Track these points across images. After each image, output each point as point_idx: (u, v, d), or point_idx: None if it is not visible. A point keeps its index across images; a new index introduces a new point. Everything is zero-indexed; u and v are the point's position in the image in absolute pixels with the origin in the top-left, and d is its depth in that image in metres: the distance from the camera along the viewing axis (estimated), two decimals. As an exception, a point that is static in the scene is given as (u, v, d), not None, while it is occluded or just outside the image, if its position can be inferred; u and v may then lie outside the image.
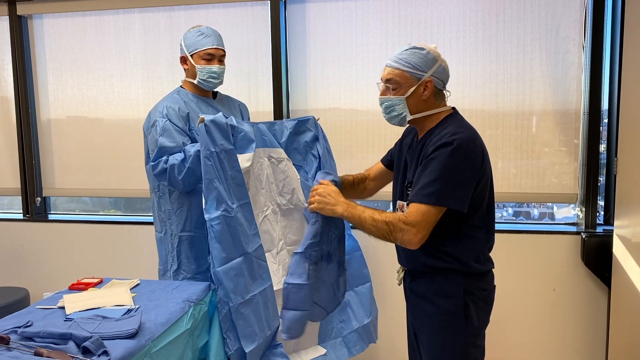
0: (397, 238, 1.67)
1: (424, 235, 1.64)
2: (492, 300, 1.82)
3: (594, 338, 2.75)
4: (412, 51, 1.75)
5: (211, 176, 2.03)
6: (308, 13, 3.00)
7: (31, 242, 3.42)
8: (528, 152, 2.83)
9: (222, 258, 2.02)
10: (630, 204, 2.33)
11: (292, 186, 2.34)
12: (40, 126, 3.43)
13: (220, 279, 2.01)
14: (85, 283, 2.08)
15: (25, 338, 1.56)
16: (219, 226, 2.03)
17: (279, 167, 2.30)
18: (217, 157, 2.04)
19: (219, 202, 2.04)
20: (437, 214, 1.65)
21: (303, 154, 2.47)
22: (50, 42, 3.35)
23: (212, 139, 2.04)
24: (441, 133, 1.70)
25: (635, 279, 2.24)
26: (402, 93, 1.76)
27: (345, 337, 2.51)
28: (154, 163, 2.25)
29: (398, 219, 1.65)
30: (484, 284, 1.77)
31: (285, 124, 2.43)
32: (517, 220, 3.17)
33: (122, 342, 1.57)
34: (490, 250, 1.82)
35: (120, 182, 3.33)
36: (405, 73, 1.74)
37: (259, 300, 2.10)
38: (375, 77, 2.93)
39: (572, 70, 2.74)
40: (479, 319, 1.76)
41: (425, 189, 1.64)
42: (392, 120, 1.83)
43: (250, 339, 2.03)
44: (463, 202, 1.65)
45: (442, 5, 2.83)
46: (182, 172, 2.18)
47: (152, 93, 3.22)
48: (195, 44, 2.36)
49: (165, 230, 2.40)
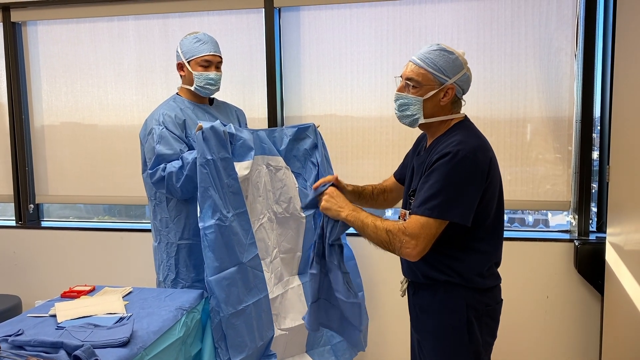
0: (395, 248, 1.60)
1: (423, 248, 1.58)
2: (498, 315, 1.76)
3: (587, 345, 2.76)
4: (441, 53, 1.65)
5: (206, 184, 2.02)
6: (302, 20, 3.01)
7: (24, 249, 3.40)
8: (522, 159, 2.84)
9: (215, 267, 2.01)
10: (622, 211, 2.34)
11: (289, 195, 2.33)
12: (34, 132, 3.42)
13: (212, 289, 1.99)
14: (78, 291, 2.07)
15: (16, 347, 1.55)
16: (213, 235, 2.02)
17: (277, 176, 2.30)
18: (214, 165, 2.04)
19: (213, 211, 2.02)
20: (439, 227, 1.58)
21: (302, 161, 2.47)
22: (44, 48, 3.35)
23: (209, 146, 2.03)
24: (448, 141, 1.63)
25: (627, 286, 2.24)
26: (421, 94, 1.67)
27: (335, 346, 2.49)
28: (152, 171, 2.24)
29: (398, 228, 1.59)
30: (488, 298, 1.71)
31: (285, 131, 2.42)
32: (511, 228, 3.17)
33: (114, 350, 1.56)
34: (497, 266, 1.75)
35: (114, 189, 3.32)
36: (429, 74, 1.65)
37: (252, 311, 2.09)
38: (370, 84, 2.96)
39: (564, 79, 2.76)
40: (483, 334, 1.69)
41: (427, 202, 1.57)
42: (403, 119, 1.74)
43: (239, 349, 2.02)
44: (466, 215, 1.58)
45: (437, 14, 2.84)
46: (180, 180, 2.17)
47: (146, 100, 3.22)
48: (192, 51, 2.35)
49: (159, 240, 2.39)
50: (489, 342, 1.74)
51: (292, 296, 2.35)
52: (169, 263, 2.36)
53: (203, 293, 2.10)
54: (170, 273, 2.36)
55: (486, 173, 1.61)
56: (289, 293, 2.34)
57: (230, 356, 1.99)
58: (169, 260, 2.35)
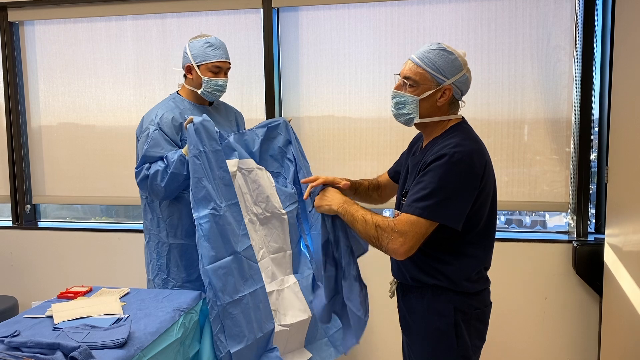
0: (383, 244, 1.58)
1: (410, 247, 1.56)
2: (487, 318, 1.74)
3: (586, 346, 2.76)
4: (441, 52, 1.64)
5: (200, 175, 2.06)
6: (301, 21, 3.01)
7: (20, 250, 3.39)
8: (520, 161, 2.84)
9: (211, 256, 2.03)
10: (620, 212, 2.34)
11: (265, 194, 2.33)
12: (31, 133, 3.41)
13: (210, 277, 2.01)
14: (75, 292, 2.07)
15: (12, 348, 1.54)
16: (208, 224, 2.04)
17: (250, 177, 2.31)
18: (206, 156, 2.08)
19: (207, 201, 2.06)
20: (428, 227, 1.57)
21: (279, 160, 2.48)
22: (41, 48, 3.33)
23: (201, 138, 2.07)
24: (444, 143, 1.62)
25: (626, 287, 2.24)
26: (418, 93, 1.66)
27: (332, 336, 2.50)
28: (137, 170, 2.25)
29: (387, 225, 1.57)
30: (477, 302, 1.69)
31: (255, 131, 2.43)
32: (509, 229, 3.17)
33: (111, 351, 1.56)
34: (486, 270, 1.74)
35: (111, 190, 3.31)
36: (427, 74, 1.64)
37: (249, 301, 2.10)
38: (368, 84, 2.95)
39: (563, 79, 2.76)
40: (472, 338, 1.68)
41: (419, 202, 1.56)
42: (398, 117, 1.73)
43: (237, 340, 2.03)
44: (456, 218, 1.57)
45: (435, 14, 2.84)
46: (164, 179, 2.17)
47: (143, 100, 3.21)
48: (203, 55, 2.32)
49: (149, 238, 2.39)
50: (478, 345, 1.73)
51: (289, 294, 2.35)
52: (160, 262, 2.35)
53: (200, 294, 2.10)
54: (161, 272, 2.35)
55: (479, 177, 1.60)
56: (286, 292, 2.34)
57: (229, 346, 1.99)
58: (160, 259, 2.35)
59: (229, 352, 2.00)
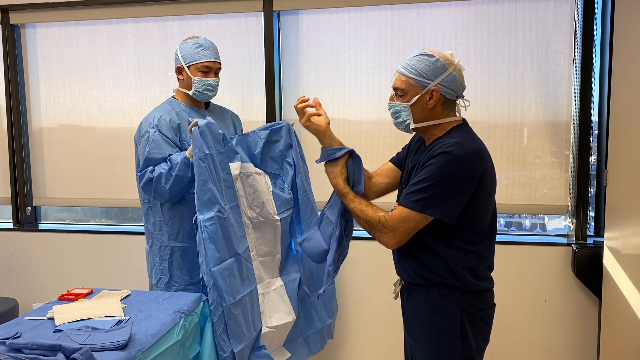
0: (375, 236, 1.69)
1: (400, 239, 1.66)
2: (491, 320, 1.77)
3: (585, 349, 2.76)
4: (421, 57, 1.70)
5: (205, 178, 2.06)
6: (301, 24, 3.02)
7: (21, 251, 3.39)
8: (519, 164, 2.84)
9: (217, 258, 2.05)
10: (620, 215, 2.35)
11: (261, 200, 2.34)
12: (32, 135, 3.41)
13: (215, 279, 2.02)
14: (75, 294, 2.07)
15: (13, 350, 1.55)
16: (213, 227, 2.05)
17: (247, 182, 2.32)
18: (211, 159, 2.09)
19: (212, 203, 2.07)
20: (421, 220, 1.63)
21: (279, 162, 2.49)
22: (42, 51, 3.34)
23: (206, 141, 2.08)
24: (444, 142, 1.66)
25: (625, 290, 2.25)
26: (407, 100, 1.72)
27: (308, 337, 2.54)
28: (141, 174, 2.25)
29: (378, 219, 1.67)
30: (482, 303, 1.72)
31: (258, 133, 2.43)
32: (508, 232, 3.18)
33: (112, 353, 1.56)
34: (490, 270, 1.77)
35: (111, 192, 3.32)
36: (410, 80, 1.70)
37: (247, 301, 2.15)
38: (368, 87, 2.96)
39: (562, 83, 2.77)
40: (476, 339, 1.70)
41: (414, 195, 1.62)
42: (398, 126, 1.80)
43: (238, 339, 2.06)
44: (449, 213, 1.61)
45: (435, 18, 2.85)
46: (169, 181, 2.18)
47: (144, 103, 3.22)
48: (192, 56, 2.35)
49: (152, 243, 2.39)
50: (482, 346, 1.75)
51: (274, 297, 2.38)
52: (162, 266, 2.36)
53: (201, 296, 2.10)
54: (164, 276, 2.36)
55: (478, 177, 1.63)
56: (272, 294, 2.38)
57: (232, 346, 2.02)
58: (162, 263, 2.35)
59: (232, 352, 2.02)
